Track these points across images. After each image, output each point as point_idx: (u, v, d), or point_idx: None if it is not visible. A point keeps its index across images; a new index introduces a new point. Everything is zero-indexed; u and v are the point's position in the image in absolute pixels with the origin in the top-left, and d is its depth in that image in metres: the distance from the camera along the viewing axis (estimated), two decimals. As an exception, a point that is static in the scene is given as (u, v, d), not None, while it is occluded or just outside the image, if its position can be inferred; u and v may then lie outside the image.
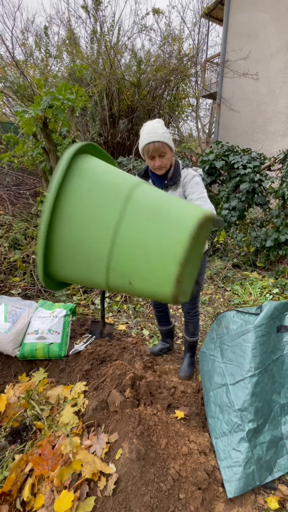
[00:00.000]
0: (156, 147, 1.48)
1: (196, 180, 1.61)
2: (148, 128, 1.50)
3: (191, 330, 2.01)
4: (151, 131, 1.48)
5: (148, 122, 1.54)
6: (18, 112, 2.91)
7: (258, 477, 1.26)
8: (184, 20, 12.61)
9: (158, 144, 1.47)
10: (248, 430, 1.30)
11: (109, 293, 3.14)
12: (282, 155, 3.88)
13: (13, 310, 2.07)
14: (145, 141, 1.49)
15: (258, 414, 1.34)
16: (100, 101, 7.06)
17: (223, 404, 1.44)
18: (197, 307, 1.98)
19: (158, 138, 1.46)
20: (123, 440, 1.37)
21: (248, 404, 1.33)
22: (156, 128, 1.48)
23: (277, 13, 6.94)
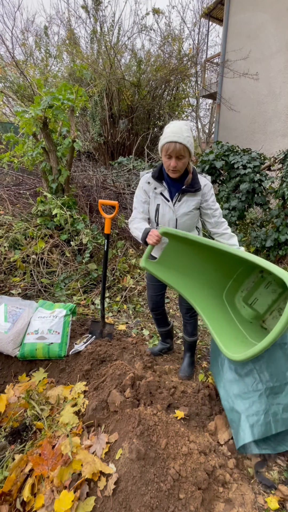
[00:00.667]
0: (177, 149, 1.45)
1: (212, 192, 1.68)
2: (174, 127, 1.46)
3: (189, 330, 2.01)
4: (176, 130, 1.44)
5: (176, 121, 1.52)
6: (18, 112, 2.91)
7: (275, 428, 1.38)
8: (184, 20, 12.60)
9: (180, 146, 1.44)
10: (266, 388, 1.44)
11: (109, 293, 3.14)
12: (282, 155, 3.88)
13: (13, 310, 2.07)
14: (167, 138, 1.45)
15: (273, 378, 1.46)
16: (100, 101, 7.06)
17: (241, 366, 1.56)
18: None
19: (181, 140, 1.43)
20: (123, 440, 1.37)
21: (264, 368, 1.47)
22: (182, 130, 1.45)
23: (277, 13, 6.94)
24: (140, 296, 3.21)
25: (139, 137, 7.43)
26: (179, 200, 1.63)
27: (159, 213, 1.67)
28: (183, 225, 1.67)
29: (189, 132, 1.48)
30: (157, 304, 2.03)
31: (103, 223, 3.71)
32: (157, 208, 1.67)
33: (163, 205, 1.66)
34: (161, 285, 1.97)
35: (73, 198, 3.52)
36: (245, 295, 1.86)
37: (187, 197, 1.63)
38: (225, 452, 1.48)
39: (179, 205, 1.63)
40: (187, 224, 1.68)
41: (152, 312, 2.09)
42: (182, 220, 1.66)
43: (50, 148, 3.26)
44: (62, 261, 3.16)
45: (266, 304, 1.76)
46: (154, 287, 1.98)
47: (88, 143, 7.68)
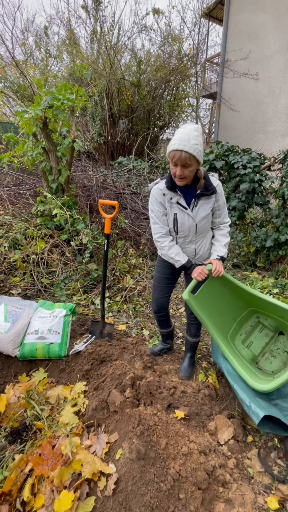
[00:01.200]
0: (182, 157, 1.40)
1: (223, 192, 1.70)
2: (182, 133, 1.41)
3: (193, 332, 2.00)
4: (183, 138, 1.39)
5: (187, 125, 1.46)
6: (18, 112, 2.91)
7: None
8: (184, 20, 12.61)
9: (185, 154, 1.39)
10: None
11: (109, 293, 3.14)
12: (282, 155, 3.88)
13: (13, 310, 2.07)
14: (173, 146, 1.41)
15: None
16: (100, 101, 7.07)
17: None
18: None
19: (187, 149, 1.38)
20: (123, 440, 1.37)
21: None
22: (189, 137, 1.39)
23: (277, 13, 6.93)
24: (140, 296, 3.21)
25: (139, 137, 7.43)
26: (196, 205, 1.63)
27: (177, 222, 1.65)
28: (202, 229, 1.69)
29: (198, 139, 1.42)
30: (162, 306, 2.01)
31: (103, 223, 3.71)
32: (175, 218, 1.64)
33: (181, 214, 1.63)
34: (167, 288, 1.96)
35: (73, 198, 3.52)
36: (243, 338, 2.00)
37: (202, 201, 1.63)
38: (225, 452, 1.48)
39: (196, 211, 1.63)
40: (205, 227, 1.70)
41: (156, 314, 2.06)
42: (201, 224, 1.67)
43: (50, 148, 3.26)
44: (62, 261, 3.16)
45: (260, 346, 1.93)
46: (160, 289, 1.95)
47: (88, 143, 7.68)
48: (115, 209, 2.16)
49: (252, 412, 1.45)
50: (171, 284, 1.95)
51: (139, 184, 5.20)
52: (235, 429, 1.58)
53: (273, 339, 1.93)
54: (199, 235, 1.71)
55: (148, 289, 3.28)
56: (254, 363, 1.92)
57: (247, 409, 1.48)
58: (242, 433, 1.59)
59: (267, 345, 1.93)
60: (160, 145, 9.27)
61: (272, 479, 1.38)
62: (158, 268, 1.93)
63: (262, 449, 1.52)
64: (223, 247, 1.74)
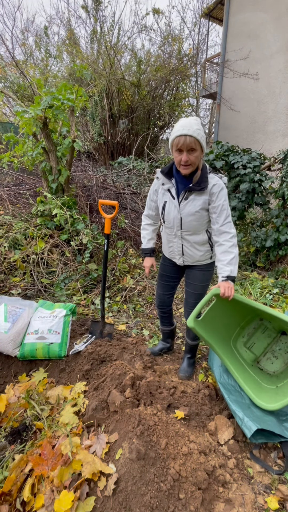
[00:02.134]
0: (187, 142, 1.40)
1: (224, 194, 1.55)
2: (183, 121, 1.43)
3: (192, 335, 1.99)
4: (185, 124, 1.41)
5: (184, 117, 1.51)
6: (18, 112, 2.91)
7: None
8: (184, 20, 12.63)
9: (190, 138, 1.39)
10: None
11: (109, 293, 3.14)
12: (282, 155, 3.88)
13: (13, 310, 2.07)
14: (177, 132, 1.41)
15: None
16: (100, 101, 7.07)
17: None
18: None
19: (191, 133, 1.38)
20: (123, 440, 1.37)
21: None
22: (191, 123, 1.41)
23: (277, 13, 6.93)
24: (140, 296, 3.21)
25: (139, 137, 7.43)
26: (185, 198, 1.57)
27: (165, 211, 1.64)
28: (189, 226, 1.61)
29: (199, 126, 1.43)
30: (164, 303, 2.03)
31: (103, 223, 3.71)
32: (163, 206, 1.64)
33: (169, 203, 1.62)
34: (168, 286, 1.96)
35: (73, 198, 3.53)
36: (245, 340, 2.00)
37: (194, 196, 1.55)
38: (225, 452, 1.48)
39: (185, 204, 1.57)
40: (193, 225, 1.61)
41: (158, 309, 2.09)
42: (187, 220, 1.59)
43: (50, 148, 3.26)
44: (62, 261, 3.16)
45: (262, 347, 1.94)
46: (162, 285, 1.98)
47: (88, 143, 7.68)
48: (115, 209, 2.16)
49: (245, 425, 1.45)
50: (172, 282, 1.95)
51: (139, 184, 5.20)
52: (235, 429, 1.58)
53: (275, 339, 1.93)
54: (186, 232, 1.64)
55: (148, 289, 3.28)
56: (255, 363, 1.93)
57: (239, 421, 1.48)
58: (242, 433, 1.59)
59: (269, 345, 1.93)
60: (160, 145, 9.27)
61: (270, 473, 1.38)
62: (160, 265, 1.97)
63: (254, 449, 1.52)
64: (226, 266, 1.54)
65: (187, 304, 1.92)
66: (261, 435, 1.51)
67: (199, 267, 1.80)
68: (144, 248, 1.90)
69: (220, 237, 1.59)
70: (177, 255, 1.77)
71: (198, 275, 1.81)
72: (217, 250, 1.61)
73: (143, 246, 1.90)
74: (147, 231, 1.88)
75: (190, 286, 1.85)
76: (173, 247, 1.76)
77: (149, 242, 1.88)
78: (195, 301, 1.84)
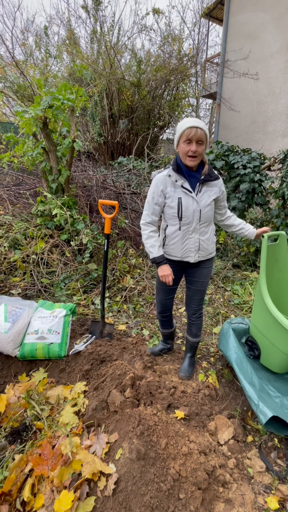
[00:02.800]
0: (198, 134, 1.49)
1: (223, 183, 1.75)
2: (190, 118, 1.53)
3: (194, 332, 2.00)
4: (195, 119, 1.51)
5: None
6: (18, 112, 2.91)
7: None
8: (184, 20, 12.64)
9: (201, 131, 1.49)
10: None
11: (109, 293, 3.14)
12: (282, 155, 3.88)
13: (13, 310, 2.07)
14: (188, 124, 1.49)
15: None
16: (100, 101, 7.07)
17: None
18: (201, 309, 1.97)
19: (202, 126, 1.49)
20: (123, 440, 1.37)
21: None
22: (199, 120, 1.52)
23: (277, 13, 6.93)
24: (140, 296, 3.21)
25: (139, 137, 7.43)
26: (200, 191, 1.64)
27: (182, 206, 1.63)
28: (206, 217, 1.67)
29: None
30: (166, 307, 2.02)
31: (103, 223, 3.71)
32: (179, 202, 1.62)
33: (185, 198, 1.62)
34: (171, 290, 1.95)
35: (73, 198, 3.52)
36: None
37: (206, 188, 1.65)
38: (225, 452, 1.48)
39: (201, 196, 1.64)
40: (208, 216, 1.69)
41: (160, 315, 2.07)
42: (205, 211, 1.65)
43: (50, 148, 3.26)
44: (62, 261, 3.16)
45: None
46: (164, 291, 1.94)
47: (88, 143, 7.68)
48: (115, 209, 2.16)
49: (260, 410, 1.45)
50: (175, 285, 1.92)
51: (139, 184, 5.20)
52: (235, 429, 1.58)
53: None
54: (203, 224, 1.68)
55: (148, 289, 3.28)
56: None
57: (255, 407, 1.49)
58: (242, 433, 1.59)
59: None
60: (160, 145, 9.27)
61: (272, 476, 1.38)
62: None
63: (263, 446, 1.52)
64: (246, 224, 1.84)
65: (192, 302, 1.92)
66: (271, 425, 1.51)
67: (206, 264, 1.82)
68: (157, 256, 1.71)
69: (226, 214, 1.86)
70: (192, 252, 1.72)
71: (205, 272, 1.83)
72: (231, 220, 1.86)
73: (156, 254, 1.70)
74: (155, 238, 1.73)
75: (197, 284, 1.85)
76: (188, 244, 1.71)
77: (160, 249, 1.73)
78: (200, 296, 1.90)
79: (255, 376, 1.69)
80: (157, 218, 1.74)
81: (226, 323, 2.12)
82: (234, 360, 1.77)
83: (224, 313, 2.91)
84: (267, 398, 1.58)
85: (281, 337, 1.67)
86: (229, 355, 1.83)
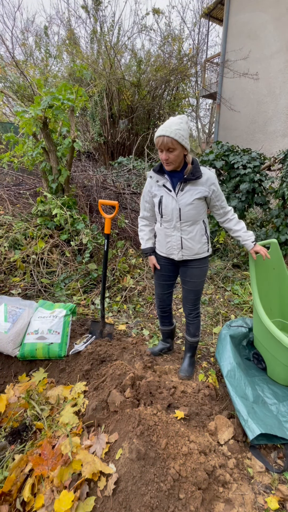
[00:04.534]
0: (164, 142, 1.50)
1: (217, 183, 1.71)
2: (166, 122, 1.54)
3: (192, 331, 2.01)
4: (166, 125, 1.51)
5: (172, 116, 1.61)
6: (18, 112, 2.91)
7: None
8: (184, 20, 12.63)
9: (167, 139, 1.49)
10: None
11: (109, 293, 3.14)
12: (282, 155, 3.88)
13: (13, 310, 2.07)
14: (156, 133, 1.54)
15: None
16: (100, 101, 7.06)
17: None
18: (199, 308, 1.98)
19: (169, 134, 1.48)
20: (123, 440, 1.37)
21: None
22: (172, 123, 1.51)
23: (277, 13, 6.93)
24: (140, 296, 3.21)
25: (139, 137, 7.43)
26: (181, 189, 1.66)
27: (162, 204, 1.72)
28: (187, 215, 1.68)
29: (181, 125, 1.51)
30: (164, 302, 2.06)
31: (103, 223, 3.71)
32: (160, 200, 1.72)
33: (166, 196, 1.70)
34: (168, 284, 1.99)
35: (73, 198, 3.52)
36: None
37: (190, 187, 1.65)
38: (225, 452, 1.48)
39: (182, 195, 1.66)
40: (191, 215, 1.68)
41: (158, 309, 2.11)
42: (185, 210, 1.67)
43: (50, 148, 3.26)
44: (62, 261, 3.16)
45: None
46: (160, 285, 2.00)
47: (88, 143, 7.68)
48: (115, 209, 2.16)
49: (248, 427, 1.46)
50: (169, 281, 1.97)
51: (139, 184, 5.20)
52: (235, 429, 1.58)
53: None
54: (184, 222, 1.70)
55: (148, 289, 3.28)
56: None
57: (243, 422, 1.49)
58: (242, 433, 1.59)
59: None
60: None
61: (270, 472, 1.38)
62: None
63: (263, 446, 1.52)
64: (246, 233, 1.81)
65: (187, 302, 1.94)
66: (262, 436, 1.51)
67: (196, 264, 1.82)
68: (144, 248, 1.94)
69: (226, 215, 1.80)
70: (175, 250, 1.78)
71: (196, 272, 1.83)
72: (230, 224, 1.82)
73: (143, 246, 1.95)
74: (144, 232, 1.94)
75: (188, 283, 1.87)
76: (171, 241, 1.78)
77: (148, 242, 1.93)
78: (195, 297, 1.90)
79: (249, 388, 1.68)
80: (148, 214, 1.88)
81: (225, 327, 2.10)
82: (225, 373, 1.75)
83: (224, 313, 2.91)
84: (261, 409, 1.58)
85: (280, 349, 1.68)
86: (222, 367, 1.81)
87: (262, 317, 1.73)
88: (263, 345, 1.85)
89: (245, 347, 2.13)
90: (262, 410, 1.58)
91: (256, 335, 1.95)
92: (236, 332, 2.08)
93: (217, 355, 1.92)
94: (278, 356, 1.73)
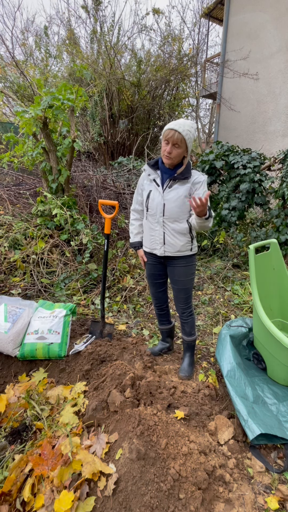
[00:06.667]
0: (175, 137, 1.56)
1: (206, 186, 1.72)
2: (180, 120, 1.60)
3: (187, 330, 2.02)
4: (179, 122, 1.57)
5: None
6: (18, 112, 2.91)
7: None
8: (184, 20, 12.60)
9: (178, 135, 1.55)
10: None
11: (109, 293, 3.14)
12: (282, 155, 3.88)
13: (13, 310, 2.07)
14: (169, 126, 1.58)
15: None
16: (100, 101, 7.06)
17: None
18: (191, 306, 1.99)
19: (181, 131, 1.54)
20: (123, 440, 1.37)
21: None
22: (185, 124, 1.57)
23: (277, 13, 6.93)
24: (140, 296, 3.21)
25: (139, 137, 7.43)
26: (169, 186, 1.71)
27: (149, 198, 1.78)
28: (170, 212, 1.72)
29: (192, 129, 1.59)
30: (160, 299, 2.09)
31: (103, 223, 3.71)
32: (148, 194, 1.79)
33: (154, 191, 1.76)
34: (160, 283, 2.02)
35: (73, 198, 3.52)
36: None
37: (177, 185, 1.70)
38: (225, 452, 1.48)
39: (168, 192, 1.71)
40: (175, 212, 1.72)
41: (156, 307, 2.14)
42: (169, 206, 1.71)
43: (50, 148, 3.26)
44: (62, 261, 3.16)
45: None
46: (153, 284, 2.03)
47: (88, 143, 7.67)
48: (115, 209, 2.16)
49: (248, 427, 1.46)
50: (160, 279, 2.00)
51: (139, 184, 5.19)
52: (235, 429, 1.58)
53: None
54: (167, 218, 1.73)
55: (148, 289, 3.28)
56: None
57: (243, 422, 1.49)
58: (242, 433, 1.59)
59: None
60: (160, 145, 9.25)
61: (270, 472, 1.38)
62: (146, 266, 2.00)
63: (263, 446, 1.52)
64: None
65: (179, 301, 1.96)
66: (262, 436, 1.51)
67: (182, 262, 1.83)
68: (132, 242, 2.00)
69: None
70: (158, 245, 1.81)
71: (182, 270, 1.85)
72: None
73: (131, 240, 2.00)
74: (134, 226, 1.99)
75: (177, 282, 1.89)
76: (154, 236, 1.81)
77: (137, 236, 1.98)
78: (185, 295, 1.92)
79: (249, 388, 1.69)
80: (140, 208, 1.94)
81: (225, 327, 2.11)
82: (225, 373, 1.76)
83: (224, 313, 2.91)
84: (261, 409, 1.58)
85: (280, 349, 1.68)
86: (222, 367, 1.81)
87: (262, 317, 1.73)
88: (263, 345, 1.85)
89: (245, 347, 2.13)
90: (262, 410, 1.58)
91: (256, 335, 1.95)
92: (236, 332, 2.08)
93: (217, 355, 1.92)
94: (278, 356, 1.73)
